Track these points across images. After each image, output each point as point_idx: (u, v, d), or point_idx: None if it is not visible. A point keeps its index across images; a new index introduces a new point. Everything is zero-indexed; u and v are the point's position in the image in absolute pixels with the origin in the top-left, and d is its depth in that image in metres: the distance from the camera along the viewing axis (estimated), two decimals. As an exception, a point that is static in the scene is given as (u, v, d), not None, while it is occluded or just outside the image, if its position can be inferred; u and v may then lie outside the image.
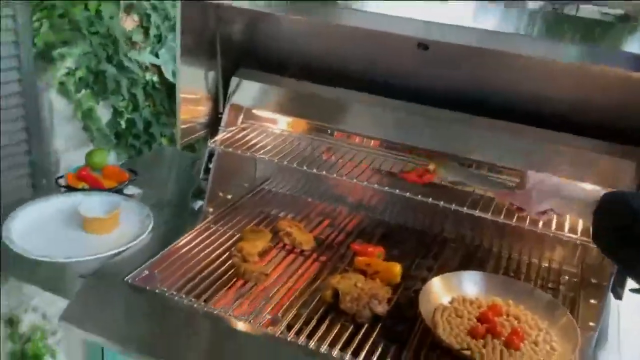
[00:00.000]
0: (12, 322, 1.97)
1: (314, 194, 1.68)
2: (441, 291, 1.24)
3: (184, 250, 1.34)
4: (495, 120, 1.32)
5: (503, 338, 1.13)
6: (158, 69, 2.22)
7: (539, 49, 1.13)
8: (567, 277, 1.40)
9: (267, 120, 1.57)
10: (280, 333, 1.12)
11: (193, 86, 1.46)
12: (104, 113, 2.09)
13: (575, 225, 1.24)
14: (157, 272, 1.26)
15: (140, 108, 2.18)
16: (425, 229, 1.56)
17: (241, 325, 1.14)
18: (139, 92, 2.15)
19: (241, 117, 1.56)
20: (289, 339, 1.11)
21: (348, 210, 1.62)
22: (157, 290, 1.20)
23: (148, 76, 2.18)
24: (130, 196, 1.53)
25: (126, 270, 1.25)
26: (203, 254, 1.34)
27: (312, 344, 1.10)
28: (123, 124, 2.15)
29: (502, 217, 1.23)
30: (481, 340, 1.12)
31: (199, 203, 1.54)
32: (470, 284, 1.27)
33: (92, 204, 1.41)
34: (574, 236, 1.21)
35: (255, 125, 1.56)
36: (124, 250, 1.31)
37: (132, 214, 1.44)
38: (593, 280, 1.34)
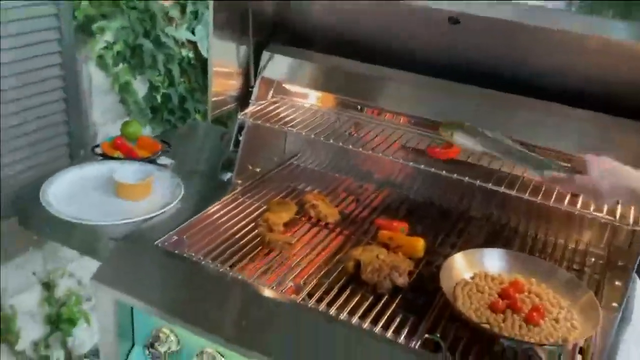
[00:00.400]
0: (48, 287, 2.05)
1: (341, 170, 1.69)
2: (463, 267, 1.25)
3: (212, 218, 1.38)
4: (528, 98, 1.30)
5: (523, 314, 1.13)
6: (194, 46, 2.26)
7: (576, 24, 1.11)
8: (593, 259, 1.38)
9: (297, 95, 1.59)
10: (302, 300, 1.15)
11: (225, 60, 1.48)
12: (140, 87, 2.14)
13: (612, 207, 1.20)
14: (186, 237, 1.30)
15: (176, 83, 2.23)
16: (451, 207, 1.56)
17: (265, 292, 1.17)
18: (174, 67, 2.19)
19: (271, 91, 1.58)
20: (309, 305, 1.14)
21: (374, 187, 1.63)
22: (185, 255, 1.25)
23: (184, 52, 2.22)
24: (162, 166, 1.58)
25: (156, 235, 1.29)
26: (230, 223, 1.37)
27: (332, 311, 1.12)
28: (159, 98, 2.19)
29: (527, 194, 1.22)
30: (501, 315, 1.13)
31: (228, 175, 1.57)
32: (492, 261, 1.27)
33: (126, 171, 1.46)
34: (611, 218, 1.17)
35: (285, 100, 1.58)
36: (154, 216, 1.36)
37: (164, 183, 1.48)
38: (620, 263, 1.32)
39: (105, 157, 1.58)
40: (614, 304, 1.20)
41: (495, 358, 1.06)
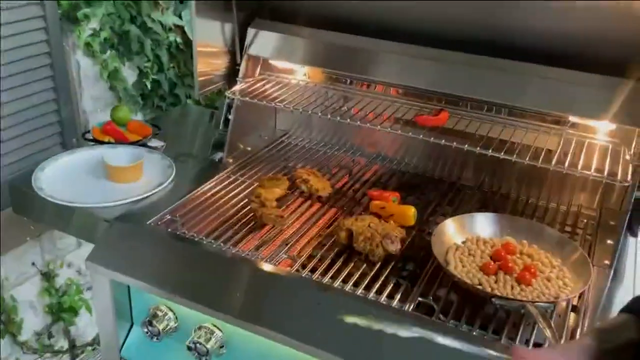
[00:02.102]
0: (48, 277, 2.06)
1: (332, 146, 1.70)
2: (455, 232, 1.26)
3: (204, 197, 1.38)
4: (513, 61, 1.30)
5: (515, 274, 1.14)
6: (181, 30, 2.25)
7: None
8: (585, 220, 1.39)
9: (284, 71, 1.59)
10: (296, 271, 1.16)
11: (209, 38, 1.48)
12: (129, 74, 2.14)
13: (601, 165, 1.21)
14: (179, 216, 1.30)
15: (165, 69, 2.22)
16: (442, 177, 1.57)
17: (259, 265, 1.17)
18: (163, 53, 2.19)
19: (258, 68, 1.58)
20: (304, 275, 1.15)
21: (366, 161, 1.63)
22: (178, 233, 1.25)
23: (172, 37, 2.22)
24: (153, 148, 1.58)
25: (149, 215, 1.30)
26: (222, 200, 1.38)
27: (326, 280, 1.13)
28: (149, 85, 2.19)
29: (515, 156, 1.23)
30: (493, 277, 1.13)
31: (219, 154, 1.58)
32: (484, 225, 1.28)
33: (117, 155, 1.46)
34: (599, 175, 1.18)
35: (272, 77, 1.58)
36: (146, 197, 1.37)
37: (155, 165, 1.49)
38: (611, 223, 1.34)
39: (96, 142, 1.58)
40: (606, 262, 1.21)
41: (488, 318, 1.07)
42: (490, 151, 1.24)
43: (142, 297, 1.26)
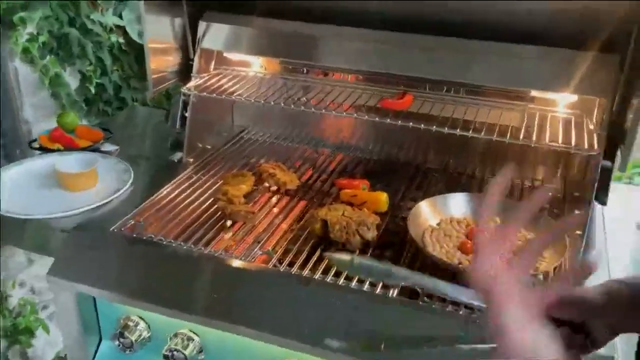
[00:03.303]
0: (0, 298, 1.94)
1: (293, 139, 1.67)
2: (429, 214, 1.25)
3: (167, 199, 1.32)
4: (472, 40, 1.29)
5: (493, 251, 1.14)
6: (123, 30, 2.16)
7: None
8: (550, 194, 1.41)
9: (240, 64, 1.55)
10: (273, 266, 1.12)
11: (160, 35, 1.42)
12: (71, 80, 2.04)
13: (566, 137, 1.22)
14: (143, 220, 1.24)
15: (109, 72, 2.13)
16: (407, 162, 1.56)
17: (234, 263, 1.13)
18: (105, 55, 2.09)
19: (212, 62, 1.52)
20: (282, 270, 1.11)
21: (330, 151, 1.61)
22: (144, 237, 1.19)
23: (113, 38, 2.13)
24: (107, 153, 1.51)
25: (110, 221, 1.23)
26: (187, 201, 1.32)
27: (305, 273, 1.10)
28: (92, 89, 2.09)
29: (482, 134, 1.23)
30: (471, 255, 1.13)
31: (178, 155, 1.52)
32: (457, 206, 1.27)
33: (68, 162, 1.38)
34: (567, 146, 1.19)
35: (228, 71, 1.53)
36: (105, 204, 1.29)
37: (111, 170, 1.42)
38: (576, 194, 1.36)
39: (45, 150, 1.49)
40: (578, 232, 1.22)
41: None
42: (458, 131, 1.23)
43: (110, 309, 1.19)
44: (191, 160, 1.51)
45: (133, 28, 2.17)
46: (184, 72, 1.48)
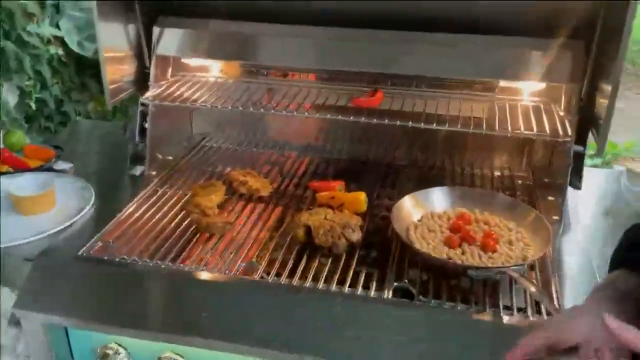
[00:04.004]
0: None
1: (258, 143, 1.62)
2: (411, 210, 1.24)
3: (135, 216, 1.25)
4: (436, 33, 1.29)
5: (479, 243, 1.14)
6: (61, 41, 2.04)
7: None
8: (520, 182, 1.43)
9: (198, 70, 1.49)
10: (260, 278, 1.08)
11: (114, 42, 1.34)
12: (10, 96, 1.90)
13: (539, 125, 1.22)
14: (112, 241, 1.16)
15: (49, 86, 2.00)
16: (377, 160, 1.54)
17: (217, 278, 1.08)
18: (44, 68, 1.96)
19: (169, 69, 1.46)
20: (270, 281, 1.07)
21: (297, 154, 1.57)
22: (117, 259, 1.12)
23: (52, 50, 2.00)
24: (61, 171, 1.41)
25: (76, 245, 1.14)
26: (157, 217, 1.25)
27: (295, 282, 1.06)
28: (33, 105, 1.96)
29: (446, 125, 1.22)
30: (459, 249, 1.12)
31: (140, 168, 1.44)
32: (436, 200, 1.27)
33: (21, 184, 1.28)
34: (541, 134, 1.19)
35: (186, 77, 1.46)
36: (68, 226, 1.21)
37: (69, 189, 1.32)
38: (545, 180, 1.38)
39: (-8, 173, 1.38)
40: (555, 217, 1.24)
41: (466, 291, 1.05)
42: (434, 125, 1.22)
43: (85, 339, 1.11)
44: (154, 173, 1.44)
45: (72, 38, 2.05)
46: (141, 81, 1.40)
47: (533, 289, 0.97)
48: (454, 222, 1.20)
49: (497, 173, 1.48)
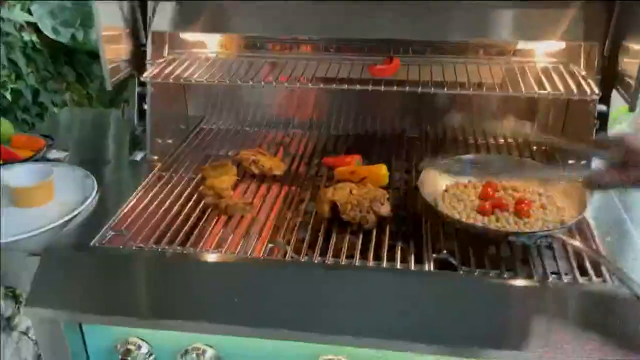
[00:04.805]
0: None
1: (259, 122, 1.54)
2: (435, 181, 1.19)
3: (144, 203, 1.17)
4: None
5: (511, 210, 1.10)
6: (35, 27, 1.92)
7: None
8: (535, 148, 1.40)
9: (196, 46, 1.40)
10: (290, 258, 1.01)
11: (109, 21, 1.24)
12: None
13: (564, 85, 1.18)
14: (125, 229, 1.08)
15: (24, 75, 1.88)
16: (386, 134, 1.49)
17: (243, 261, 1.01)
18: (18, 57, 1.85)
19: (166, 47, 1.37)
20: (303, 261, 1.00)
21: (302, 132, 1.50)
22: (134, 248, 1.04)
23: (26, 36, 1.88)
24: (56, 161, 1.31)
25: (85, 237, 1.06)
26: (168, 202, 1.17)
27: (329, 260, 1.00)
28: (8, 96, 1.84)
29: (484, 90, 1.18)
30: (493, 217, 1.08)
31: (140, 154, 1.35)
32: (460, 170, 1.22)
33: (18, 175, 1.18)
34: (569, 93, 1.15)
35: (184, 54, 1.38)
36: (73, 218, 1.12)
37: (68, 178, 1.23)
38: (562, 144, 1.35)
39: (-19, 167, 1.27)
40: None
41: (507, 258, 1.01)
42: (444, 89, 1.17)
43: (102, 335, 1.03)
44: (155, 158, 1.35)
45: (45, 24, 1.93)
46: (138, 60, 1.31)
47: (588, 250, 0.94)
48: (483, 190, 1.15)
49: (510, 140, 1.44)
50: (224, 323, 0.93)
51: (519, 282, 0.94)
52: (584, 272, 0.96)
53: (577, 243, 1.00)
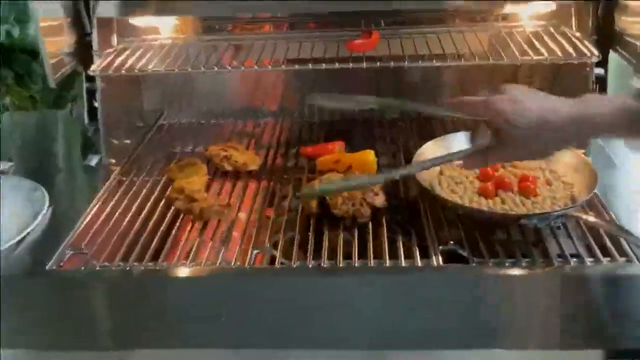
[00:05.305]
0: None
1: (224, 113, 1.41)
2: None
3: (105, 213, 1.02)
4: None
5: (515, 189, 1.00)
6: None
7: None
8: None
9: (148, 32, 1.26)
10: (280, 265, 0.89)
11: (47, 9, 1.08)
12: None
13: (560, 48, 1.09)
14: (85, 247, 0.94)
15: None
16: (366, 117, 1.37)
17: (227, 272, 0.88)
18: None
19: (114, 35, 1.22)
20: (295, 267, 0.88)
21: (274, 121, 1.38)
22: (97, 268, 0.90)
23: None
24: (0, 173, 1.15)
25: (40, 259, 0.91)
26: (132, 211, 1.03)
27: (325, 264, 0.88)
28: (-62, 104, 1.65)
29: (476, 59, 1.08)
30: (497, 199, 0.99)
31: (95, 158, 1.21)
32: (454, 149, 1.11)
33: (-48, 194, 1.02)
34: (568, 57, 1.06)
35: (136, 43, 1.23)
36: (24, 237, 0.96)
37: (15, 192, 1.07)
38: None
39: None
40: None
41: (519, 243, 0.91)
42: (434, 62, 1.07)
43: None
44: (113, 161, 1.21)
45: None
46: (84, 52, 1.16)
47: (607, 224, 0.85)
48: (482, 169, 1.06)
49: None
50: (211, 347, 0.81)
51: (540, 270, 0.84)
52: (605, 251, 0.87)
53: (592, 219, 0.92)
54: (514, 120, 0.74)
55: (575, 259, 0.86)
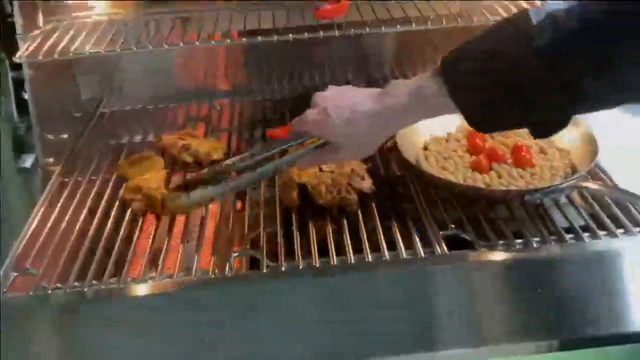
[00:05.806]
0: None
1: (172, 96, 1.26)
2: (411, 141, 0.99)
3: (50, 223, 0.88)
4: None
5: (510, 160, 0.93)
6: None
7: None
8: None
9: (78, 9, 1.09)
10: (267, 269, 0.78)
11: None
12: None
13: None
14: (31, 267, 0.80)
15: None
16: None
17: (205, 283, 0.77)
18: None
19: (40, 14, 1.05)
20: (283, 269, 0.78)
21: (229, 101, 1.24)
22: (49, 291, 0.76)
23: None
24: None
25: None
26: (81, 218, 0.89)
27: (316, 262, 0.78)
28: None
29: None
30: (493, 173, 0.91)
31: (29, 158, 1.04)
32: (434, 121, 1.02)
33: None
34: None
35: (65, 22, 1.07)
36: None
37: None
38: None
39: None
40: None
41: (525, 222, 0.84)
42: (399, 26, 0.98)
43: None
44: (51, 160, 1.06)
45: None
46: (6, 36, 0.99)
47: (624, 195, 0.79)
48: (469, 140, 0.97)
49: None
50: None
51: (555, 249, 0.77)
52: (617, 223, 0.81)
53: (595, 186, 0.85)
54: (323, 133, 0.74)
55: (587, 234, 0.80)
